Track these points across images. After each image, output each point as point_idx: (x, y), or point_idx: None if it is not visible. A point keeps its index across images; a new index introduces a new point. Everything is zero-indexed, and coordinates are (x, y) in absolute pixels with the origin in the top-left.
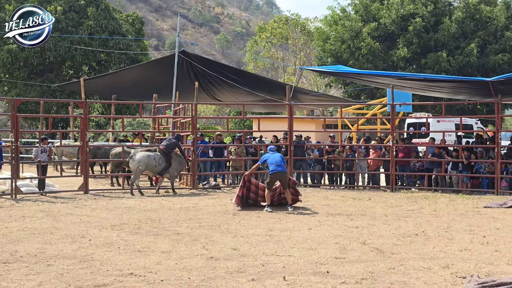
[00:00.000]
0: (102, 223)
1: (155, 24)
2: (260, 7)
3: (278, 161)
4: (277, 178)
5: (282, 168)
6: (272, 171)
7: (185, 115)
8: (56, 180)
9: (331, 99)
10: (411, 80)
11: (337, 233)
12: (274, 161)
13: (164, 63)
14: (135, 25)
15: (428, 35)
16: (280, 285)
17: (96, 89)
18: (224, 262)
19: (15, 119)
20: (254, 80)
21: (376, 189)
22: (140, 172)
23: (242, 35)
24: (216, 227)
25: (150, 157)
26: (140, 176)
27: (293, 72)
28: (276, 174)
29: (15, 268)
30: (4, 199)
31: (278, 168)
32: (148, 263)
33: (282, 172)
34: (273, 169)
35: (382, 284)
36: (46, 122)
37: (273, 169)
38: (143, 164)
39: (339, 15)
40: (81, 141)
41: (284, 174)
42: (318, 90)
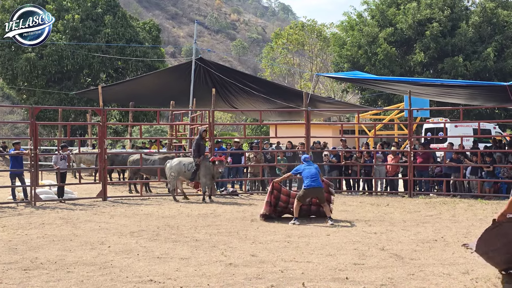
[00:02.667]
0: (121, 230)
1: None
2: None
3: (314, 174)
4: (312, 194)
5: (318, 184)
6: (307, 186)
7: (202, 122)
8: (75, 187)
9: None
10: (428, 85)
11: (355, 239)
12: (310, 175)
13: (181, 70)
14: (152, 33)
15: (445, 40)
16: None
17: (113, 96)
18: (243, 269)
19: (34, 126)
20: (270, 87)
21: (394, 194)
22: (173, 178)
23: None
24: (234, 234)
25: (181, 163)
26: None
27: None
28: (311, 190)
29: (35, 275)
30: (24, 206)
31: (313, 184)
32: (167, 270)
33: (318, 188)
34: (308, 184)
35: None
36: (65, 130)
37: (308, 184)
38: (174, 171)
39: (356, 21)
40: (99, 148)
41: (320, 189)
42: (335, 96)
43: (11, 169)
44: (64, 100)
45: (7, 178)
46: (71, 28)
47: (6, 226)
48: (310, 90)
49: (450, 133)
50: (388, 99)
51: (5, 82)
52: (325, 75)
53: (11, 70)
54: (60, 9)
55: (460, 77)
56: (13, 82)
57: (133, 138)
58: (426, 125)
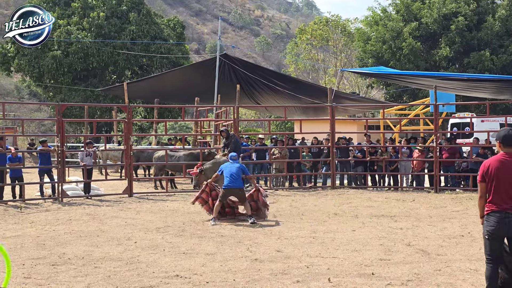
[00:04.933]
0: (147, 226)
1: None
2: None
3: (234, 173)
4: (230, 194)
5: (236, 184)
6: (225, 186)
7: (227, 118)
8: (101, 184)
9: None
10: (454, 80)
11: (381, 234)
12: (229, 174)
13: (205, 66)
14: (176, 30)
15: (471, 34)
16: (325, 287)
17: (139, 93)
18: (268, 264)
19: (60, 124)
20: (295, 83)
21: (420, 190)
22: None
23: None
24: (259, 229)
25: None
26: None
27: (334, 73)
28: (228, 190)
29: (63, 270)
30: (51, 203)
31: (230, 184)
32: (193, 265)
33: (236, 188)
34: (226, 184)
35: (428, 286)
36: (91, 127)
37: (226, 185)
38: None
39: (380, 16)
40: (124, 145)
41: (238, 190)
42: (360, 91)
43: (39, 165)
44: (90, 97)
45: (35, 175)
46: (97, 25)
47: (34, 222)
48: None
49: (476, 128)
50: (413, 94)
51: (32, 79)
52: (349, 70)
53: (38, 68)
54: (85, 7)
55: (487, 71)
56: (39, 80)
57: (158, 134)
58: (452, 120)
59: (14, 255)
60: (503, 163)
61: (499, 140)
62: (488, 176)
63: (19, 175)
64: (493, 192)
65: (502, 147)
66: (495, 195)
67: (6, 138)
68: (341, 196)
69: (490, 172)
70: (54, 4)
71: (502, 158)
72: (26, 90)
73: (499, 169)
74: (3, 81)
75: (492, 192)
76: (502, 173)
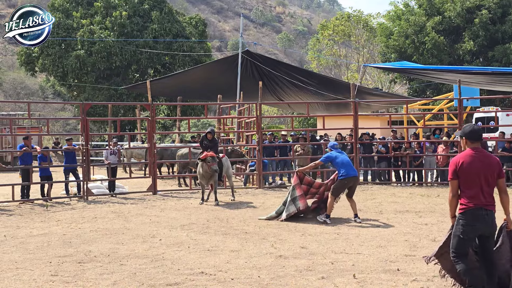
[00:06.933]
0: (171, 223)
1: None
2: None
3: (349, 161)
4: (351, 184)
5: (355, 172)
6: (346, 175)
7: (249, 115)
8: (126, 182)
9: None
10: (478, 74)
11: (406, 230)
12: (345, 162)
13: (227, 63)
14: (198, 27)
15: (495, 27)
16: (350, 283)
17: (161, 90)
18: (293, 261)
19: (85, 122)
20: (317, 79)
21: (445, 185)
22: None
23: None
24: (284, 226)
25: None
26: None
27: (357, 69)
28: (350, 179)
29: (90, 268)
30: (77, 201)
31: (351, 173)
32: (218, 262)
33: (356, 177)
34: (346, 173)
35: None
36: (114, 125)
37: (347, 173)
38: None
39: (402, 10)
40: (148, 143)
41: (358, 178)
42: (382, 86)
43: (64, 164)
44: (114, 96)
45: (60, 173)
46: (119, 25)
47: (60, 220)
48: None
49: (501, 122)
50: (437, 89)
51: (56, 79)
52: (372, 65)
53: (62, 68)
54: (108, 6)
55: None
56: (63, 79)
57: (181, 132)
58: (476, 115)
59: (41, 253)
60: (474, 158)
61: (465, 136)
62: (462, 172)
63: (48, 174)
64: (468, 188)
65: (469, 143)
66: (471, 191)
67: (31, 138)
68: (365, 192)
69: (463, 168)
70: (77, 4)
71: (472, 154)
72: (51, 89)
73: (471, 164)
74: (28, 81)
75: (467, 189)
76: (476, 169)
